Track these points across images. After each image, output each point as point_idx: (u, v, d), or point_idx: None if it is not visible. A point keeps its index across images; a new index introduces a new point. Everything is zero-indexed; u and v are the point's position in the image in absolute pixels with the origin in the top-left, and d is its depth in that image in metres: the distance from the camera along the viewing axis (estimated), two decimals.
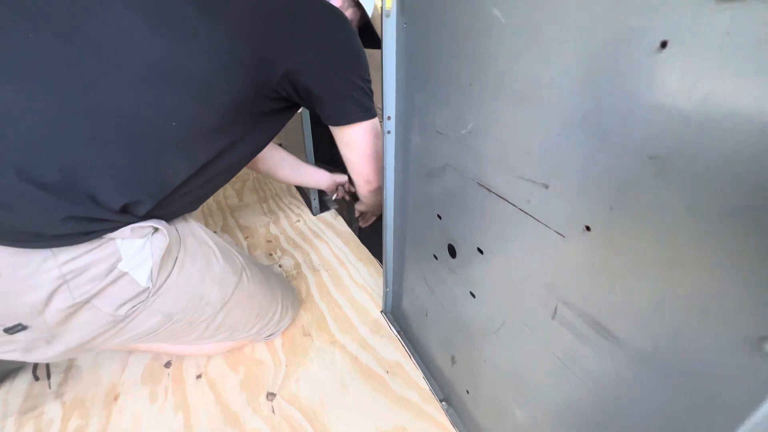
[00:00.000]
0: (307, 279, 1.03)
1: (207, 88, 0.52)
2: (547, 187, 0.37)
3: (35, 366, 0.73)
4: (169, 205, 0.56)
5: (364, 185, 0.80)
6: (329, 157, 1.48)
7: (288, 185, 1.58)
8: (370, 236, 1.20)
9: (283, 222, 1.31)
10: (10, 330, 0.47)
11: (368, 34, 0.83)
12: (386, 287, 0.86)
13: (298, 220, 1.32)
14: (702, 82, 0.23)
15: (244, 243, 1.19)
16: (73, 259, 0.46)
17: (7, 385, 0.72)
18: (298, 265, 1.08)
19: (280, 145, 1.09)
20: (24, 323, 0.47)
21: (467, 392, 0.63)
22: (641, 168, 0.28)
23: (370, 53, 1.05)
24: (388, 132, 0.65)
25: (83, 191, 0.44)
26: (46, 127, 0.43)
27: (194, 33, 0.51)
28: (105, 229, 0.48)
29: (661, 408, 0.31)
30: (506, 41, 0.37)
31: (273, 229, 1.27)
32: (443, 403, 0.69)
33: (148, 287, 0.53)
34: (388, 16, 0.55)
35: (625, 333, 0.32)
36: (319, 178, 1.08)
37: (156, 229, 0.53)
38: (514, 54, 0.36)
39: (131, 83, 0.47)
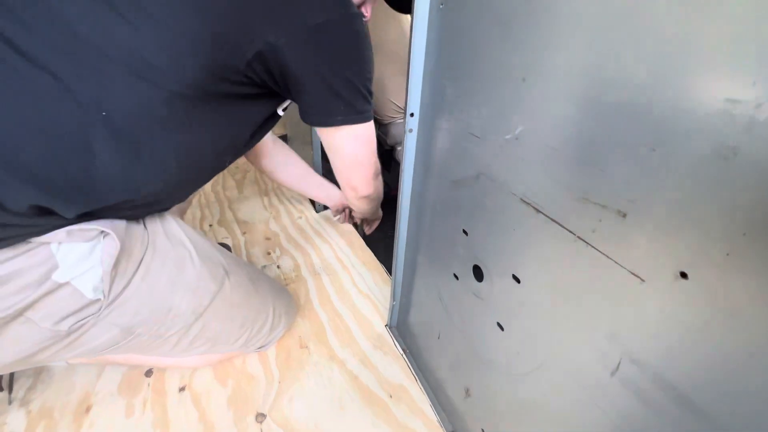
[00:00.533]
0: (306, 283, 0.95)
1: (145, 71, 0.42)
2: (624, 215, 0.29)
3: (6, 382, 0.65)
4: (124, 205, 0.47)
5: (349, 191, 0.73)
6: None
7: None
8: (377, 240, 1.13)
9: (284, 218, 1.23)
10: None
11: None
12: (393, 300, 0.79)
13: (300, 217, 1.24)
14: None
15: (242, 239, 1.11)
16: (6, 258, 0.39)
17: None
18: (297, 267, 1.01)
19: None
20: None
21: (482, 430, 0.56)
22: None
23: (387, 45, 0.96)
24: (410, 130, 0.57)
25: None
26: None
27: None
28: (24, 234, 0.40)
29: None
30: (577, 30, 0.29)
31: (273, 225, 1.19)
32: None
33: (99, 299, 0.46)
34: (423, 1, 0.47)
35: (714, 406, 0.25)
36: (328, 194, 1.01)
37: (105, 234, 0.45)
38: (586, 45, 0.28)
39: (49, 69, 0.38)
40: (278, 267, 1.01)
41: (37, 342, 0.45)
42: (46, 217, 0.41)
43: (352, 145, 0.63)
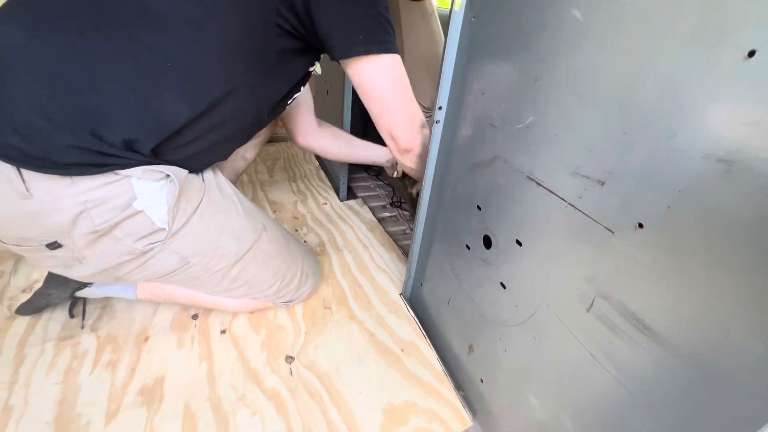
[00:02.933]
0: (330, 257, 1.06)
1: (199, 27, 0.51)
2: (602, 183, 0.38)
3: (72, 304, 0.77)
4: (181, 150, 0.57)
5: (391, 143, 0.71)
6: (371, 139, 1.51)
7: (317, 169, 1.62)
8: (396, 225, 1.22)
9: (311, 202, 1.34)
10: (50, 246, 0.53)
11: None
12: (408, 274, 0.89)
13: (325, 203, 1.35)
14: None
15: (273, 217, 1.23)
16: (91, 189, 0.51)
17: (48, 314, 0.77)
18: (322, 243, 1.12)
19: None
20: (59, 241, 0.53)
21: (481, 381, 0.65)
22: (706, 169, 0.29)
23: (416, 47, 1.06)
24: (437, 122, 0.67)
25: (83, 125, 0.48)
26: (53, 65, 0.47)
27: None
28: (114, 164, 0.51)
29: (694, 402, 0.32)
30: (582, 40, 0.38)
31: (300, 207, 1.31)
32: (457, 391, 0.71)
33: (164, 228, 0.57)
34: (456, 11, 0.57)
35: (666, 330, 0.34)
36: (377, 153, 0.97)
37: (167, 176, 0.56)
38: (589, 53, 0.38)
39: (128, 26, 0.49)
40: (305, 241, 1.11)
41: (120, 255, 0.57)
42: (130, 152, 0.51)
43: (377, 79, 0.62)
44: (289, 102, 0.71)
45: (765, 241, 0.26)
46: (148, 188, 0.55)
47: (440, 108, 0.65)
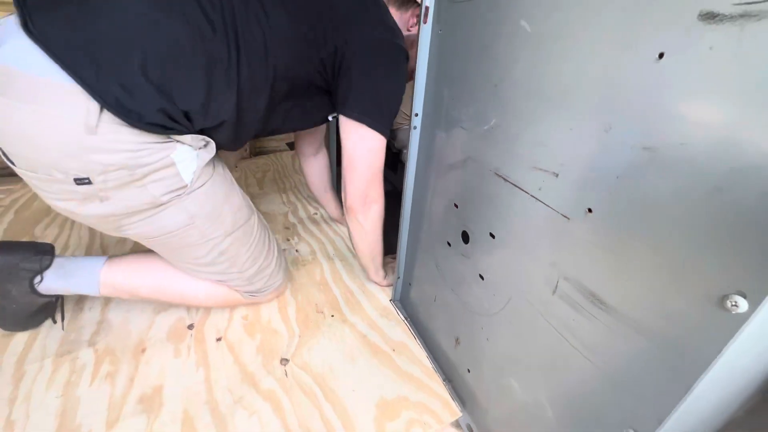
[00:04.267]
0: (322, 265, 1.09)
1: (262, 57, 0.64)
2: (557, 175, 0.42)
3: (46, 309, 0.79)
4: (215, 133, 0.67)
5: (343, 194, 0.82)
6: None
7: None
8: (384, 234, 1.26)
9: (301, 213, 1.38)
10: (79, 181, 0.57)
11: None
12: (398, 276, 0.92)
13: (316, 213, 1.38)
14: (691, 88, 0.29)
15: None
16: (149, 142, 0.58)
17: (44, 331, 0.79)
18: (313, 252, 1.14)
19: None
20: (91, 179, 0.57)
21: (468, 371, 0.68)
22: (636, 156, 0.33)
23: None
24: (414, 128, 0.71)
25: (171, 95, 0.57)
26: (162, 43, 0.56)
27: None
28: (176, 130, 0.60)
29: (643, 364, 0.36)
30: (531, 48, 0.43)
31: (291, 217, 1.34)
32: (446, 383, 0.74)
33: (187, 185, 0.64)
34: (425, 23, 0.62)
35: (617, 302, 0.38)
36: (332, 208, 1.26)
37: (207, 144, 0.66)
38: (537, 59, 0.42)
39: (227, 38, 0.61)
40: (297, 251, 1.14)
41: (140, 203, 0.62)
42: (187, 122, 0.61)
43: (355, 142, 0.74)
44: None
45: (685, 217, 0.30)
46: (188, 149, 0.63)
47: (416, 115, 0.70)
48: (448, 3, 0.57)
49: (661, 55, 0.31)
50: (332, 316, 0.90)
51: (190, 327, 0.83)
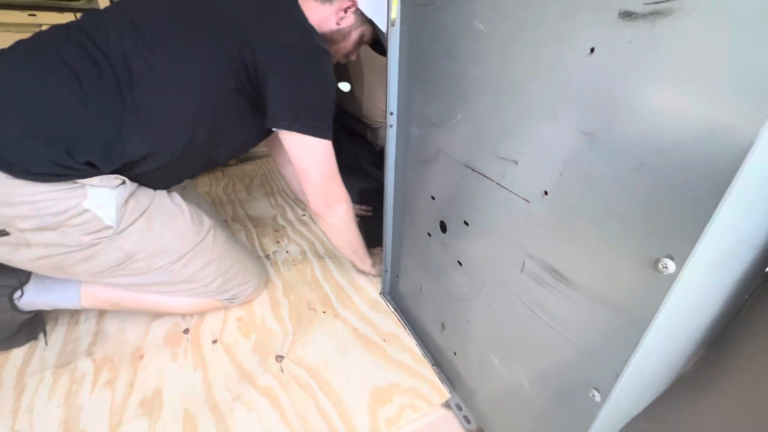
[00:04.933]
0: (312, 264, 1.11)
1: (171, 88, 0.64)
2: (517, 162, 0.46)
3: (29, 327, 0.81)
4: (138, 177, 0.68)
5: (306, 200, 0.82)
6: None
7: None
8: (370, 231, 1.29)
9: (290, 215, 1.40)
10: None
11: (380, 47, 0.92)
12: (385, 269, 0.95)
13: (304, 215, 1.41)
14: (617, 78, 0.33)
15: (254, 231, 1.28)
16: (47, 192, 0.59)
17: (42, 345, 0.81)
18: (303, 252, 1.17)
19: None
20: (6, 230, 0.60)
21: (454, 354, 0.72)
22: (578, 141, 0.37)
23: (375, 59, 1.14)
24: (391, 125, 0.75)
25: (62, 145, 0.58)
26: (45, 96, 0.59)
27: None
28: (75, 175, 0.60)
29: (598, 329, 0.40)
30: (486, 48, 0.47)
31: (280, 220, 1.36)
32: (435, 367, 0.78)
33: (111, 226, 0.65)
34: (393, 25, 0.65)
35: (574, 275, 0.42)
36: None
37: (123, 182, 0.66)
38: (491, 58, 0.46)
39: (116, 79, 0.61)
40: (287, 252, 1.17)
41: (66, 247, 0.63)
42: (91, 168, 0.61)
43: (297, 152, 0.73)
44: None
45: (620, 192, 0.34)
46: (100, 192, 0.63)
47: (391, 113, 0.73)
48: (414, 6, 0.61)
49: (592, 50, 0.34)
50: (324, 312, 0.93)
51: (186, 331, 0.86)
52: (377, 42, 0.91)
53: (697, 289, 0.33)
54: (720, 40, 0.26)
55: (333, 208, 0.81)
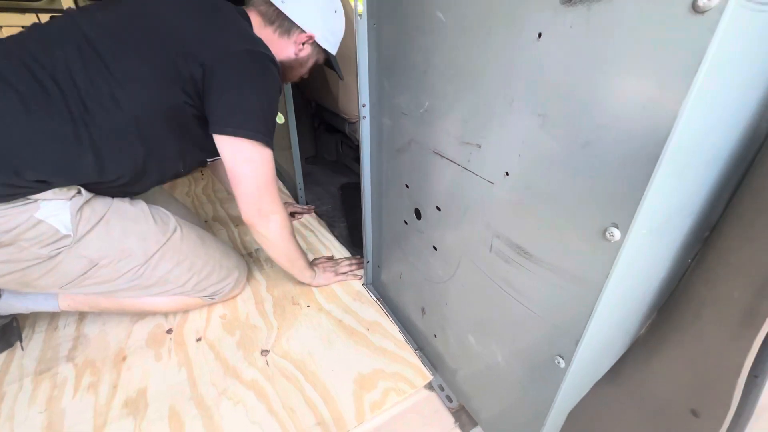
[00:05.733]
0: None
1: (117, 107, 0.64)
2: (480, 146, 0.48)
3: (11, 338, 0.80)
4: (105, 191, 0.69)
5: (241, 212, 0.76)
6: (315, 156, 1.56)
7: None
8: (353, 228, 1.31)
9: None
10: None
11: (332, 66, 0.93)
12: (366, 260, 0.97)
13: None
14: (561, 60, 0.35)
15: (235, 230, 1.27)
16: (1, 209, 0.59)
17: (19, 352, 0.79)
18: None
19: None
20: None
21: (435, 336, 0.74)
22: (532, 123, 0.39)
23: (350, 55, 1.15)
24: (364, 117, 0.76)
25: (10, 166, 0.58)
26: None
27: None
28: (26, 192, 0.60)
29: (558, 299, 0.42)
30: (446, 37, 0.48)
31: None
32: (417, 351, 0.80)
33: (69, 234, 0.65)
34: (360, 17, 0.66)
35: (535, 249, 0.44)
36: None
37: (78, 191, 0.66)
38: (452, 46, 0.48)
39: (65, 99, 0.60)
40: None
41: (27, 261, 0.63)
42: (43, 185, 0.61)
43: (232, 157, 0.70)
44: (209, 161, 0.83)
45: (569, 168, 0.36)
46: (53, 203, 0.63)
47: (364, 105, 0.74)
48: None
49: (539, 35, 0.36)
50: (308, 306, 0.94)
51: (169, 332, 0.85)
52: (328, 61, 0.91)
53: (641, 254, 0.36)
54: (644, 23, 0.28)
55: (267, 219, 0.77)
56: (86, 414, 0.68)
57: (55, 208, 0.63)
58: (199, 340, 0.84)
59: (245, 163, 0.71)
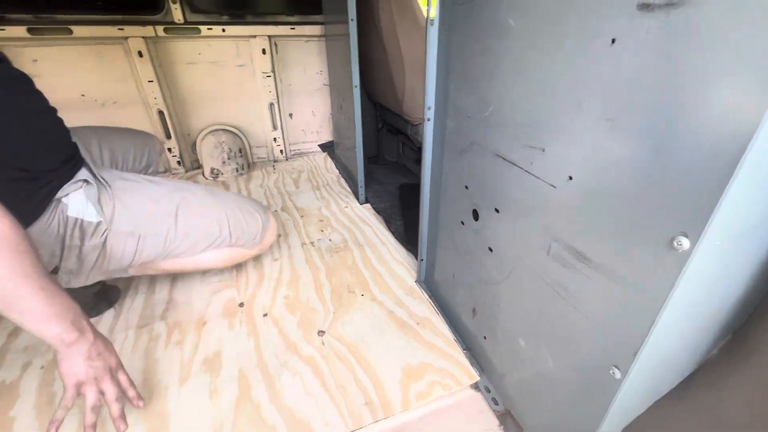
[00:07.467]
0: (353, 252, 1.19)
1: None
2: (543, 150, 0.49)
3: (108, 300, 0.96)
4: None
5: None
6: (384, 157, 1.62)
7: (338, 177, 1.77)
8: (409, 226, 1.34)
9: (333, 207, 1.49)
10: (53, 271, 0.74)
11: None
12: (421, 258, 1.00)
13: (347, 206, 1.49)
14: (636, 65, 0.35)
15: (300, 220, 1.38)
16: (47, 226, 0.69)
17: (126, 309, 0.95)
18: (345, 240, 1.25)
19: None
20: (55, 267, 0.73)
21: (485, 338, 0.74)
22: (601, 127, 0.39)
23: (418, 59, 1.18)
24: (428, 119, 0.79)
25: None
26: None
27: None
28: (55, 187, 0.69)
29: (616, 306, 0.41)
30: (516, 43, 0.50)
31: (324, 211, 1.45)
32: (465, 351, 0.81)
33: (100, 221, 0.74)
34: (432, 24, 0.69)
35: (594, 255, 0.44)
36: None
37: (86, 182, 0.75)
38: (521, 52, 0.49)
39: None
40: (330, 240, 1.25)
41: (93, 256, 0.76)
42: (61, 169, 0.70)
43: None
44: None
45: (637, 174, 0.36)
46: (74, 200, 0.72)
47: (429, 108, 0.78)
48: (452, 5, 0.64)
49: (613, 41, 0.37)
50: (362, 295, 0.99)
51: (241, 305, 0.96)
52: None
53: (713, 267, 0.34)
54: (727, 29, 0.28)
55: None
56: (174, 365, 0.80)
57: (79, 204, 0.72)
58: (265, 315, 0.93)
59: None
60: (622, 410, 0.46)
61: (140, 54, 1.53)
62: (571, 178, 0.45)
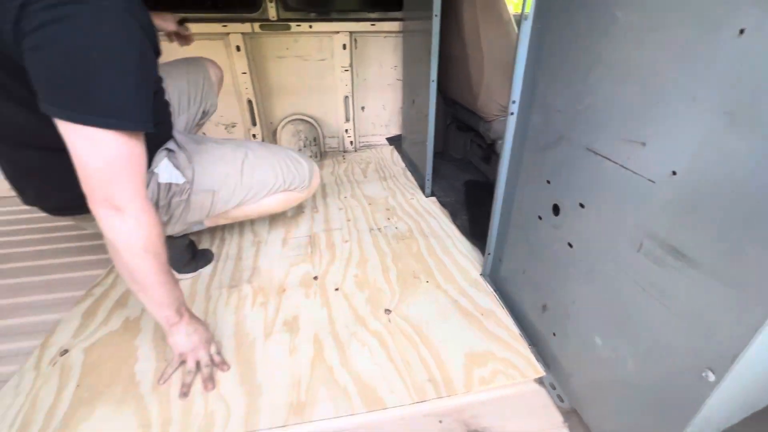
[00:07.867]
0: (418, 241, 1.23)
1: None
2: (644, 144, 0.48)
3: (201, 260, 1.11)
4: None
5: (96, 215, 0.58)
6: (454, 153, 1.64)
7: (404, 170, 1.82)
8: (474, 222, 1.35)
9: (399, 197, 1.54)
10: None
11: None
12: (488, 251, 1.01)
13: (412, 198, 1.53)
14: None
15: (368, 208, 1.45)
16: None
17: (219, 270, 1.09)
18: (410, 230, 1.29)
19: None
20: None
21: (554, 335, 0.74)
22: (717, 121, 0.38)
23: (498, 55, 1.17)
24: (512, 113, 0.80)
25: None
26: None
27: None
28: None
29: (716, 307, 0.40)
30: (620, 35, 0.49)
31: (391, 201, 1.51)
32: (531, 347, 0.81)
33: (186, 180, 0.86)
34: (526, 19, 0.70)
35: (696, 253, 0.43)
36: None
37: (170, 151, 0.85)
38: (626, 44, 0.49)
39: None
40: (396, 228, 1.31)
41: (181, 207, 0.88)
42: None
43: (71, 145, 0.53)
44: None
45: (758, 170, 0.35)
46: (162, 164, 0.84)
47: (513, 102, 0.78)
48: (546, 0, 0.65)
49: (741, 31, 0.36)
50: (427, 282, 1.03)
51: (315, 278, 1.05)
52: None
53: None
54: None
55: (112, 213, 0.57)
56: (259, 323, 0.90)
57: (166, 170, 0.83)
58: (336, 290, 1.01)
59: (90, 153, 0.54)
60: (711, 416, 0.44)
61: (238, 48, 1.70)
62: (674, 173, 0.44)
